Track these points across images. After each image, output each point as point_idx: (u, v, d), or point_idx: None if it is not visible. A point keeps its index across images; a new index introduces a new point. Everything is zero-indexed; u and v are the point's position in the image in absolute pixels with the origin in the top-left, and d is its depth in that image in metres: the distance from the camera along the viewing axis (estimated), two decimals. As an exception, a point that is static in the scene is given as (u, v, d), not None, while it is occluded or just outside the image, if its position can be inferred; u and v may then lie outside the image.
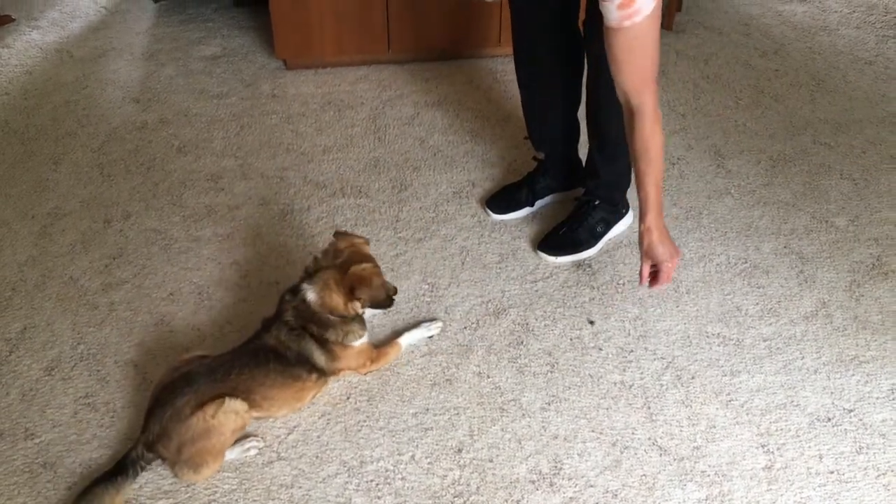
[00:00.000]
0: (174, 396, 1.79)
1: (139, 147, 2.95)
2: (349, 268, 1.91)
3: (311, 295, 1.92)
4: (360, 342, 2.01)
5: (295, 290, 1.95)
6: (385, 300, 1.97)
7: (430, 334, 2.20)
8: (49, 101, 3.20)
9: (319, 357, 1.95)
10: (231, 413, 1.81)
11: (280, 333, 1.92)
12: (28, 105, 3.18)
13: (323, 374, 1.98)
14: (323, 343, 1.95)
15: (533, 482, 1.86)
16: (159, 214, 2.63)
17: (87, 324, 2.24)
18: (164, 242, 2.52)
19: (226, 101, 3.20)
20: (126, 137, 3.00)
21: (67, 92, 3.26)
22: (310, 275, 1.95)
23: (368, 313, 2.20)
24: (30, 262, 2.44)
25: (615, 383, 2.09)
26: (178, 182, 2.77)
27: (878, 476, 1.87)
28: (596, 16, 2.00)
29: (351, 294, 1.91)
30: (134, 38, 3.65)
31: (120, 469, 1.77)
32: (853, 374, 2.11)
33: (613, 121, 2.30)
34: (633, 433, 1.96)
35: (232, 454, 1.87)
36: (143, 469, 1.80)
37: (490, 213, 2.61)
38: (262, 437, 1.94)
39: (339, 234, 2.04)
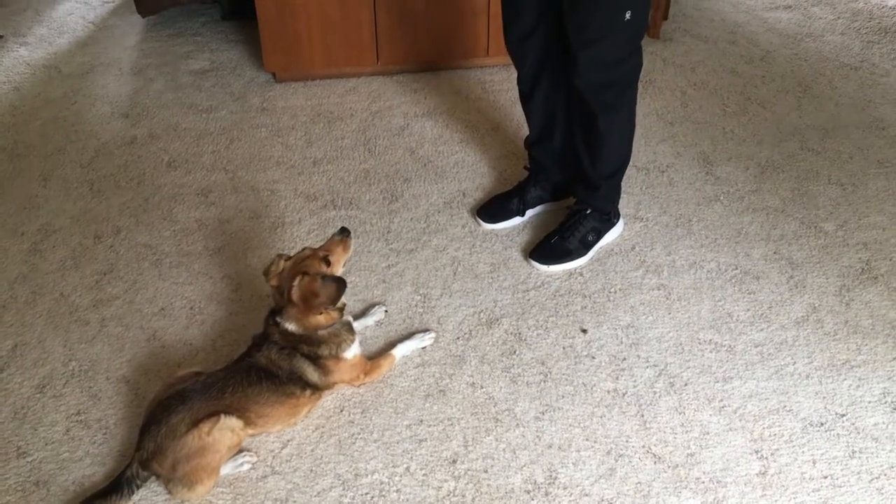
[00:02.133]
0: (168, 413, 1.79)
1: (128, 162, 2.94)
2: (290, 297, 1.89)
3: (291, 326, 1.92)
4: (353, 353, 2.00)
5: (275, 317, 1.94)
6: (336, 288, 1.89)
7: (423, 345, 2.20)
8: (37, 118, 3.19)
9: (312, 374, 1.94)
10: (226, 430, 1.80)
11: (271, 353, 1.92)
12: (16, 122, 3.17)
13: (317, 389, 1.97)
14: (315, 359, 1.94)
15: (528, 492, 1.86)
16: (150, 229, 2.62)
17: (79, 340, 2.24)
18: (154, 257, 2.51)
19: (215, 114, 3.20)
20: (115, 153, 2.99)
21: (56, 108, 3.25)
22: (280, 309, 1.93)
23: (361, 324, 2.20)
24: (20, 279, 2.43)
25: (608, 391, 2.09)
26: (169, 197, 2.77)
27: (872, 480, 1.88)
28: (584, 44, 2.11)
29: (315, 310, 1.90)
30: (122, 53, 3.65)
31: (115, 487, 1.77)
32: (845, 379, 2.12)
33: (611, 139, 2.33)
34: (627, 441, 1.97)
35: (225, 469, 1.86)
36: (138, 487, 1.80)
37: (481, 222, 2.61)
38: (255, 452, 1.93)
39: (275, 266, 1.97)
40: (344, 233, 2.03)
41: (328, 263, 1.95)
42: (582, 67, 2.16)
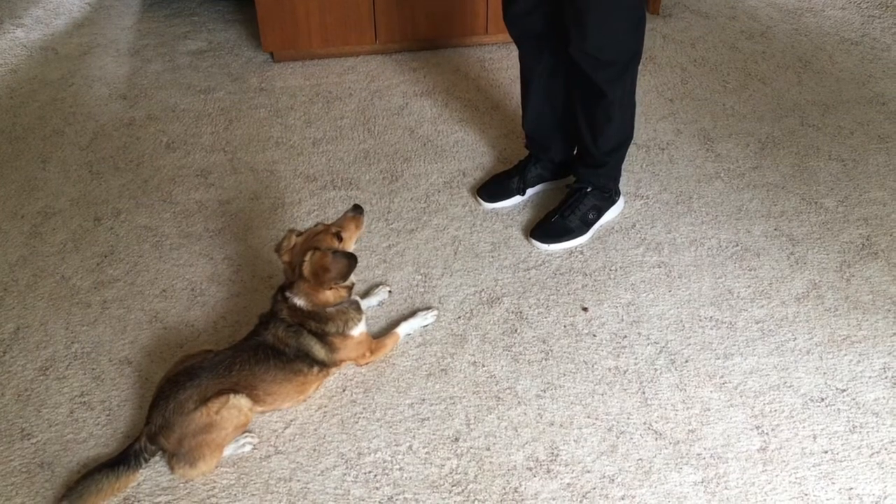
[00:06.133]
0: (177, 390, 1.81)
1: (127, 144, 2.93)
2: (301, 272, 1.90)
3: (300, 301, 1.93)
4: (359, 330, 2.01)
5: (284, 293, 1.95)
6: (347, 264, 1.90)
7: (426, 322, 2.20)
8: (35, 100, 3.18)
9: (319, 350, 1.95)
10: (234, 409, 1.82)
11: (278, 330, 1.93)
12: (14, 104, 3.16)
13: (324, 366, 1.98)
14: (322, 336, 1.95)
15: (530, 469, 1.87)
16: (150, 211, 2.62)
17: (81, 322, 2.24)
18: (155, 239, 2.51)
19: (213, 95, 3.19)
20: (114, 134, 2.98)
21: (53, 90, 3.24)
22: (290, 284, 1.94)
23: (364, 304, 2.21)
24: (21, 262, 2.43)
25: (609, 369, 2.10)
26: (168, 178, 2.76)
27: (872, 454, 1.89)
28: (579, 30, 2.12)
29: (325, 285, 1.91)
30: (119, 34, 3.62)
31: (122, 459, 1.79)
32: (845, 354, 2.13)
33: (612, 117, 2.32)
34: (628, 418, 1.97)
35: (227, 451, 1.87)
36: (145, 461, 1.81)
37: (481, 202, 2.61)
38: (258, 433, 1.94)
39: (287, 241, 1.98)
40: (357, 210, 2.04)
41: (340, 239, 1.96)
42: (587, 38, 2.14)
